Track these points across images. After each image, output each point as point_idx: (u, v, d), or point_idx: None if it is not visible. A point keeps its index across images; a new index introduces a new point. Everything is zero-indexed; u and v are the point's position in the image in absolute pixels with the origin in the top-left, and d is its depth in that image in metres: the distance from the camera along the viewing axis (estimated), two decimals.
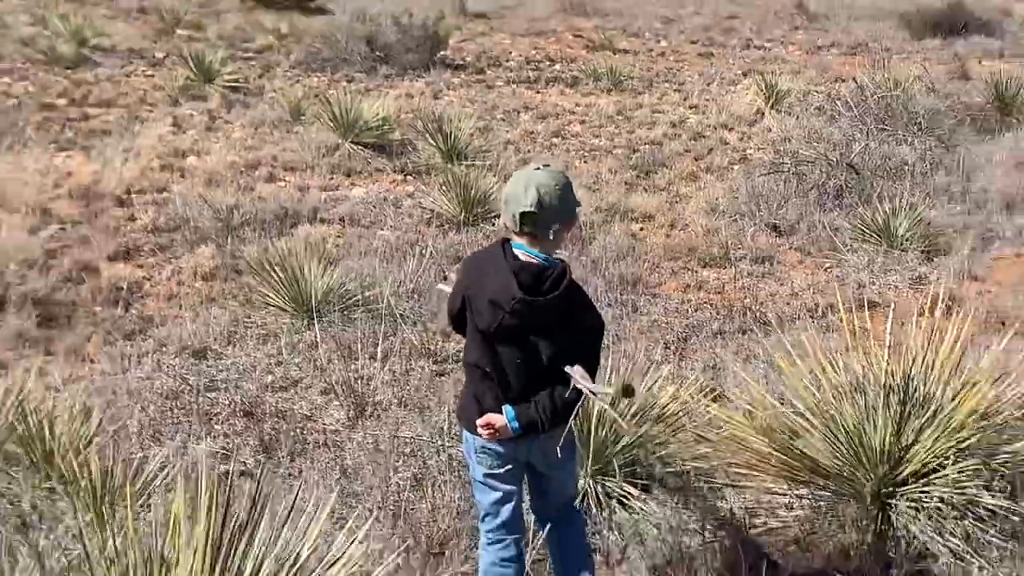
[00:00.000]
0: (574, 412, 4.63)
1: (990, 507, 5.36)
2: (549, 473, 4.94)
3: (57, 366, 9.38)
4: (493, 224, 12.55)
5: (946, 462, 5.40)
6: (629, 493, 6.07)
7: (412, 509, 5.96)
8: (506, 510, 4.86)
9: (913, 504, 5.41)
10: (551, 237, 4.59)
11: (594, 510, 6.04)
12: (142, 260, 11.84)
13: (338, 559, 4.27)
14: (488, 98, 20.59)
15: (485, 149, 16.07)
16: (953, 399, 5.54)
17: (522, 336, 4.59)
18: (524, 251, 4.58)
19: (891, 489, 5.50)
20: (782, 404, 5.96)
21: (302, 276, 10.05)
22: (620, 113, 19.71)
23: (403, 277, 10.53)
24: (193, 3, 28.82)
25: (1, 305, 10.34)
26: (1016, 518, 5.35)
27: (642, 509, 5.91)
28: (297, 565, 4.17)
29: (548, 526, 5.00)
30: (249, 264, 11.09)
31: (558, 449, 4.66)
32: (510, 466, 4.82)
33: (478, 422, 4.68)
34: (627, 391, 4.77)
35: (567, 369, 4.53)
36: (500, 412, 4.65)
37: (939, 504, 5.36)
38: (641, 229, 12.98)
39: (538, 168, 4.61)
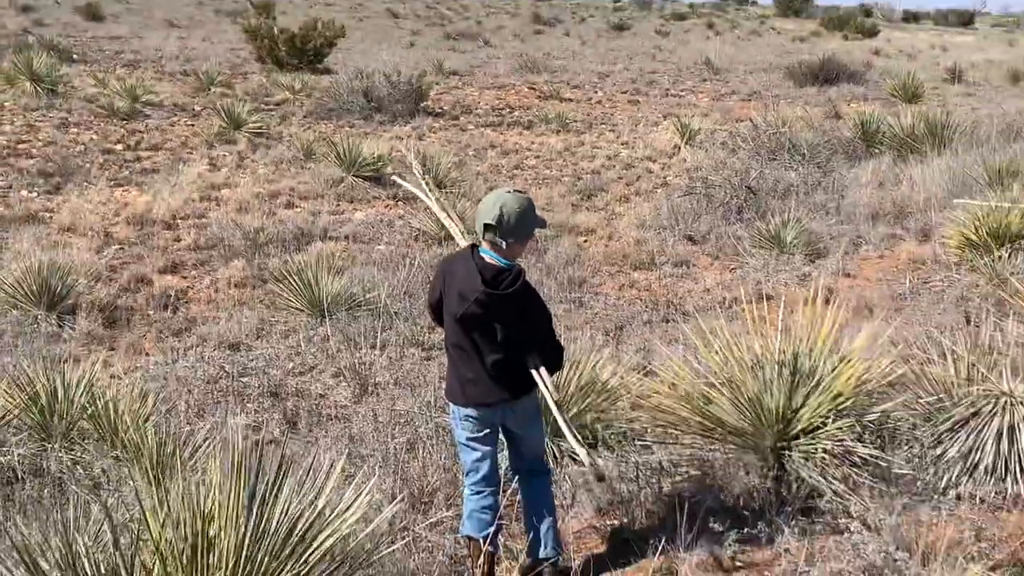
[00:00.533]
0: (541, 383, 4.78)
1: (863, 455, 5.38)
2: (523, 433, 4.99)
3: (119, 359, 9.37)
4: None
5: (827, 421, 5.42)
6: (578, 451, 6.07)
7: (407, 467, 5.94)
8: (485, 466, 4.89)
9: (803, 454, 5.42)
10: (504, 247, 4.62)
11: (551, 465, 6.04)
12: (186, 273, 11.83)
13: (349, 507, 4.25)
14: (462, 139, 20.60)
15: (461, 179, 16.08)
16: (832, 371, 5.56)
17: (486, 323, 4.68)
18: (488, 255, 4.67)
19: (785, 443, 5.52)
20: (698, 377, 5.96)
21: (315, 283, 10.07)
22: (567, 149, 19.77)
23: (396, 282, 10.59)
24: (224, 67, 28.76)
25: (73, 311, 10.31)
26: (884, 464, 5.38)
27: (589, 463, 5.91)
28: (315, 512, 4.15)
29: (518, 477, 5.03)
30: (273, 274, 11.11)
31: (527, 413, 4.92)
32: (488, 430, 4.87)
33: None
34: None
35: (533, 371, 4.77)
36: (480, 383, 4.75)
37: (823, 454, 5.38)
38: (585, 241, 13.02)
39: (508, 191, 4.69)
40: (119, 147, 17.89)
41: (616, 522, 5.45)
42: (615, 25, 65.72)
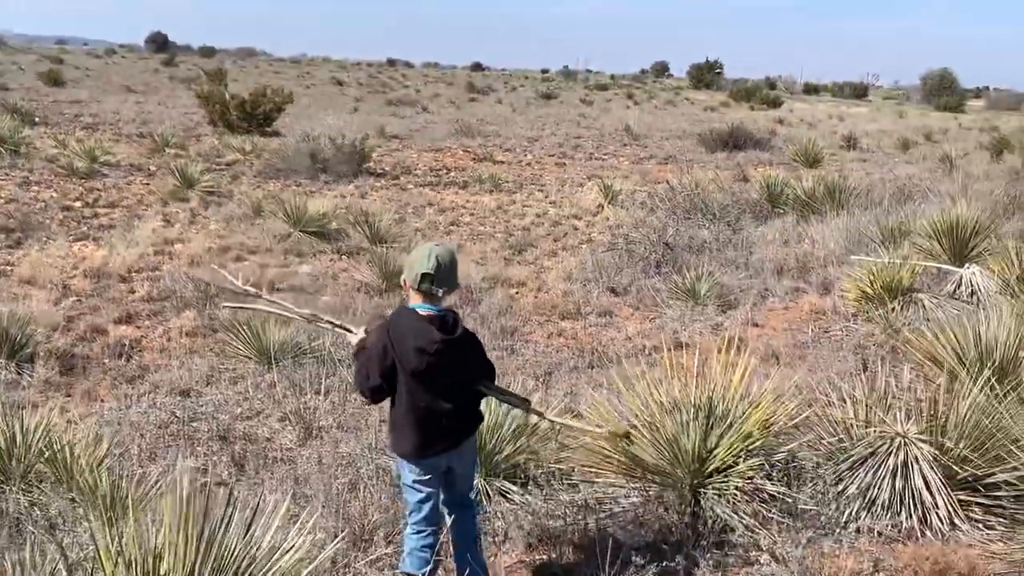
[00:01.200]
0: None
1: (771, 492, 5.43)
2: (463, 472, 4.91)
3: (75, 405, 9.16)
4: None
5: (739, 460, 5.46)
6: (511, 489, 6.04)
7: (348, 507, 5.86)
8: (427, 507, 4.79)
9: (716, 491, 5.45)
10: (439, 295, 4.53)
11: (484, 503, 6.00)
12: (140, 323, 11.62)
13: (293, 546, 4.18)
14: (402, 197, 20.60)
15: (400, 235, 16.06)
16: (743, 414, 5.61)
17: (442, 370, 4.55)
18: (423, 308, 4.54)
19: (700, 481, 5.54)
20: (621, 419, 5.97)
21: (263, 332, 9.94)
22: (499, 208, 19.84)
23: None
24: (178, 129, 28.55)
25: (32, 359, 10.08)
26: (790, 500, 5.42)
27: (520, 501, 5.88)
28: (261, 551, 4.07)
29: (448, 511, 4.93)
30: (223, 324, 10.95)
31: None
32: (431, 475, 4.77)
33: None
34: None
35: (482, 388, 4.85)
36: (433, 435, 4.64)
37: (735, 491, 5.41)
38: (516, 293, 13.02)
39: (437, 244, 4.63)
40: (78, 204, 17.62)
41: (544, 557, 5.41)
42: (543, 94, 66.45)
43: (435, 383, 4.58)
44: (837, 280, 12.12)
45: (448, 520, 4.94)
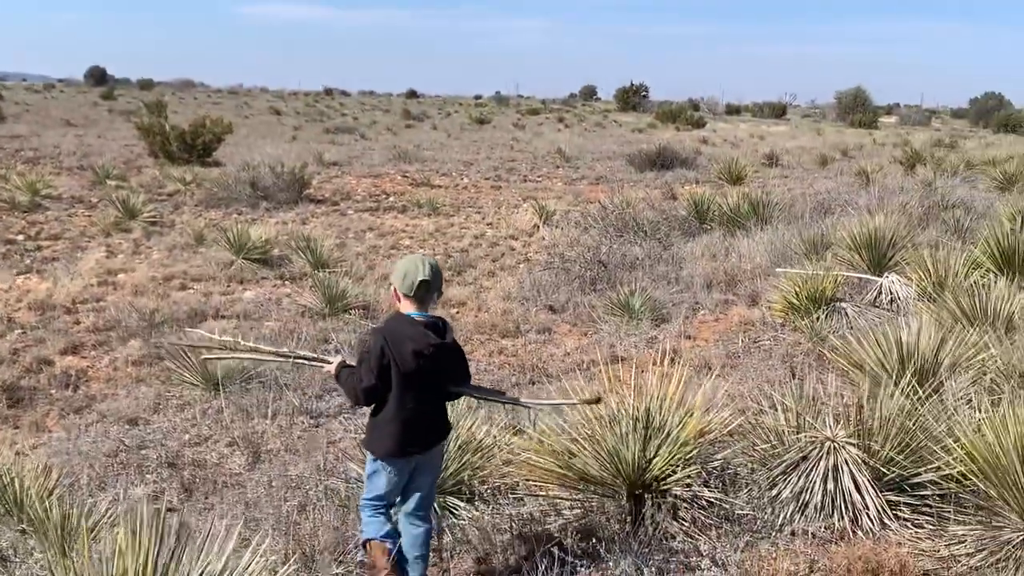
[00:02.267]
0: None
1: (709, 499, 5.47)
2: (424, 480, 4.99)
3: (23, 436, 8.98)
4: (350, 314, 12.43)
5: (677, 469, 5.49)
6: (457, 505, 6.02)
7: (299, 528, 5.79)
8: (391, 496, 4.91)
9: (656, 500, 5.47)
10: (435, 300, 4.79)
11: (435, 523, 5.97)
12: (86, 353, 11.39)
13: (247, 569, 4.12)
14: (342, 223, 20.47)
15: (342, 260, 15.96)
16: (679, 424, 5.65)
17: (434, 373, 4.73)
18: (417, 315, 4.70)
19: (640, 490, 5.56)
20: (562, 433, 5.98)
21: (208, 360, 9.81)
22: (438, 230, 19.80)
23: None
24: (119, 161, 28.15)
25: None
26: (727, 506, 5.47)
27: (467, 516, 5.86)
28: None
29: (403, 521, 5.00)
30: (168, 352, 10.80)
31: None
32: (399, 478, 4.86)
33: None
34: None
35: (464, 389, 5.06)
36: (416, 433, 4.78)
37: (673, 499, 5.44)
38: (457, 312, 12.99)
39: (424, 254, 4.92)
40: (20, 237, 17.26)
41: (492, 570, 5.39)
42: (477, 119, 66.55)
43: (425, 386, 4.74)
44: (764, 292, 12.28)
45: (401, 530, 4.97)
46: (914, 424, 5.49)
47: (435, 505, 5.96)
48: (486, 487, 6.13)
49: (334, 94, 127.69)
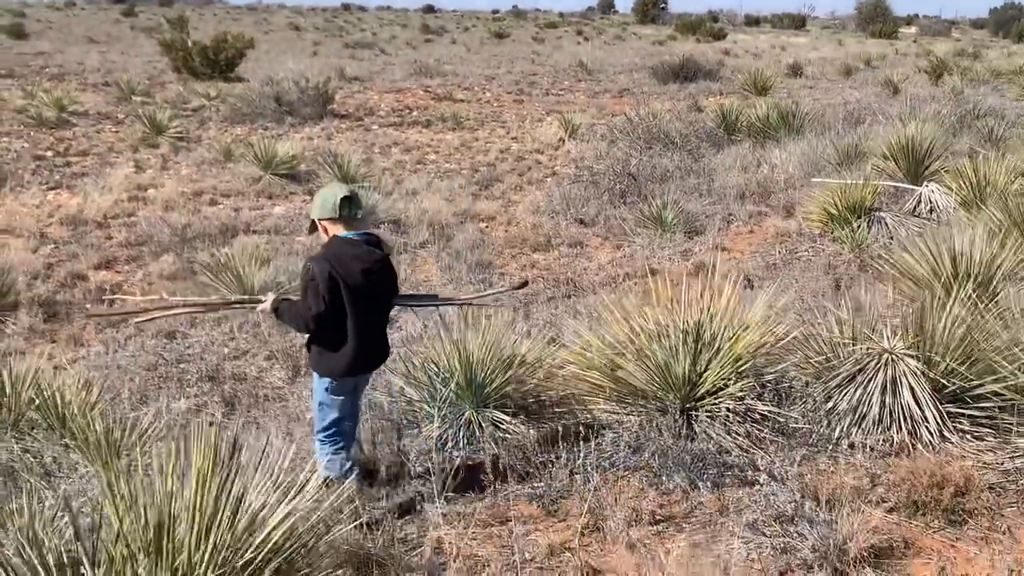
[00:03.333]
0: None
1: (762, 412, 5.27)
2: (359, 402, 5.17)
3: (61, 351, 8.88)
4: (380, 228, 12.21)
5: (729, 383, 5.30)
6: (502, 419, 5.84)
7: None
8: (345, 424, 4.98)
9: (708, 414, 5.29)
10: (358, 216, 4.79)
11: (477, 433, 5.80)
12: (119, 268, 11.29)
13: (303, 487, 3.96)
14: (367, 138, 20.14)
15: (369, 175, 15.70)
16: (732, 337, 5.43)
17: (380, 286, 4.84)
18: (353, 236, 4.77)
19: (692, 404, 5.37)
20: (607, 347, 5.78)
21: (244, 273, 9.63)
22: (463, 145, 19.45)
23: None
24: (143, 78, 27.74)
25: (15, 307, 9.78)
26: (782, 419, 5.27)
27: (514, 430, 5.69)
28: (272, 497, 3.85)
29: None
30: (202, 267, 10.64)
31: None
32: (350, 393, 4.95)
33: None
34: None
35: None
36: (368, 352, 4.87)
37: (727, 413, 5.25)
38: (487, 227, 12.75)
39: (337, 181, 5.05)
40: (49, 153, 17.04)
41: (543, 485, 5.22)
42: (496, 33, 65.40)
43: (374, 302, 4.83)
44: (798, 203, 11.97)
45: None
46: (977, 335, 5.24)
47: (479, 419, 5.81)
48: (532, 401, 5.94)
49: (352, 9, 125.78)
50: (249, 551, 3.65)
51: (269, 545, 3.68)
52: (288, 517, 3.70)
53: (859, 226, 9.77)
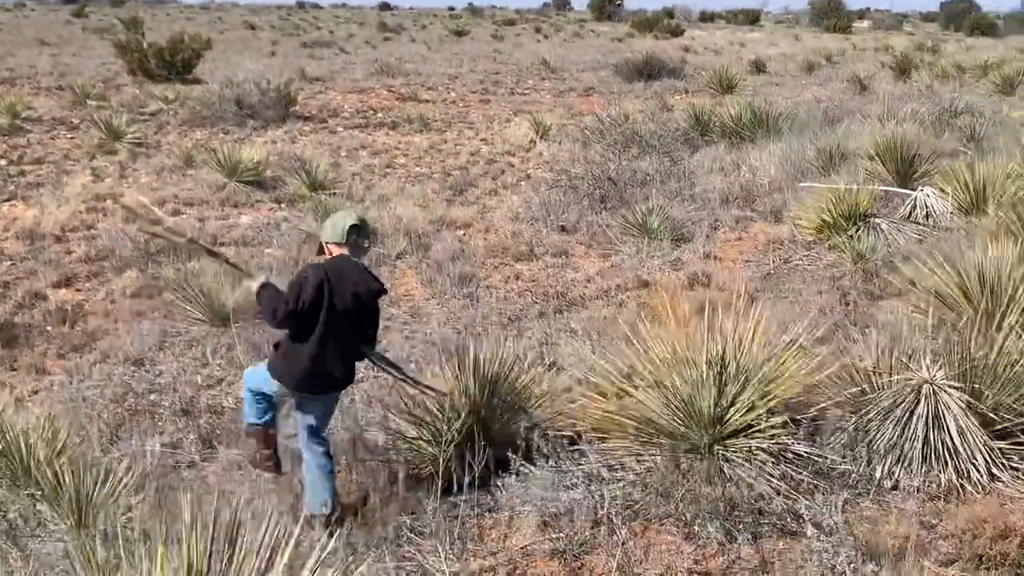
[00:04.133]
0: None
1: (797, 452, 4.84)
2: (317, 410, 5.03)
3: (21, 380, 8.28)
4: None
5: (761, 419, 4.85)
6: (512, 459, 5.37)
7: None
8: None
9: (739, 454, 4.84)
10: (365, 247, 4.92)
11: (489, 477, 5.32)
12: (80, 285, 10.63)
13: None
14: (333, 140, 19.49)
15: (338, 180, 15.10)
16: (760, 369, 4.99)
17: (364, 316, 4.88)
18: (354, 260, 4.86)
19: (721, 444, 4.92)
20: (623, 379, 5.32)
21: (214, 291, 9.06)
22: (432, 147, 18.87)
23: None
24: (97, 80, 26.87)
25: None
26: (819, 460, 4.83)
27: (525, 472, 5.21)
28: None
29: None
30: (169, 283, 10.07)
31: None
32: (280, 402, 5.16)
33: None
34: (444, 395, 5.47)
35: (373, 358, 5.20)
36: (329, 379, 4.87)
37: (759, 452, 4.80)
38: (464, 234, 12.21)
39: (350, 209, 5.50)
40: (3, 162, 16.24)
41: (561, 535, 4.74)
42: (455, 31, 64.74)
43: (349, 328, 4.79)
44: (785, 208, 11.58)
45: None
46: None
47: (487, 461, 5.34)
48: (544, 439, 5.45)
49: (306, 7, 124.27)
50: None
51: None
52: None
53: (855, 233, 9.37)
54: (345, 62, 37.05)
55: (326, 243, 4.89)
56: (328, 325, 4.67)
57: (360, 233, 4.83)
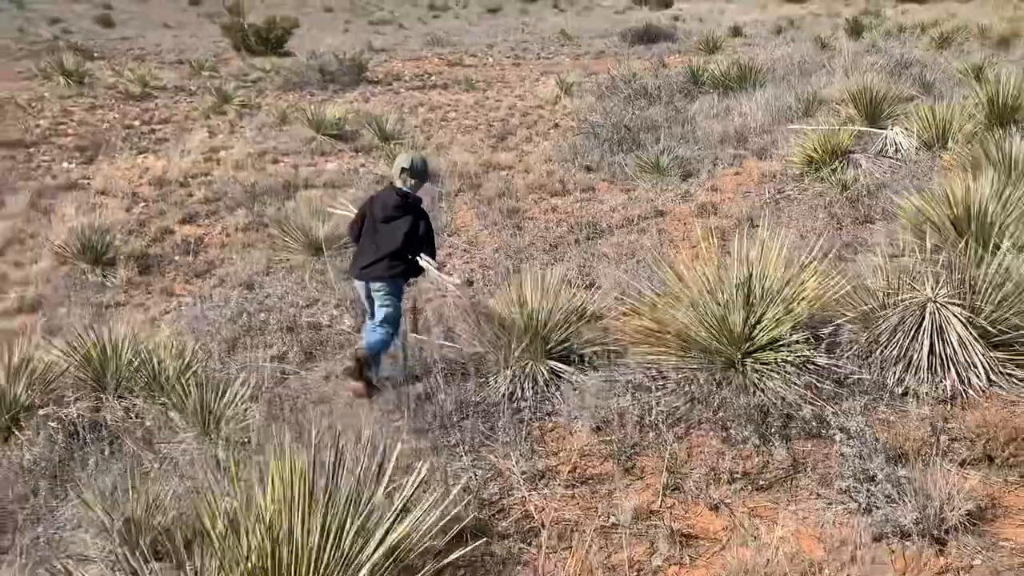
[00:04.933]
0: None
1: (818, 364, 4.29)
2: (378, 303, 5.23)
3: (154, 301, 7.91)
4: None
5: (785, 334, 4.30)
6: (564, 370, 4.87)
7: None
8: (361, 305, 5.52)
9: (767, 366, 4.30)
10: (410, 184, 5.14)
11: (541, 384, 4.83)
12: (201, 222, 10.25)
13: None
14: (397, 100, 18.66)
15: (404, 132, 14.43)
16: (780, 291, 4.42)
17: (387, 223, 5.10)
18: (400, 189, 5.15)
19: (751, 357, 4.38)
20: (663, 299, 4.77)
21: (308, 227, 8.58)
22: (477, 103, 18.00)
23: None
24: (209, 55, 26.02)
25: (113, 262, 8.76)
26: (838, 370, 4.29)
27: (578, 380, 4.71)
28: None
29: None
30: (271, 219, 9.61)
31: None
32: (359, 293, 5.40)
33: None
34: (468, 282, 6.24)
35: (420, 259, 5.11)
36: (366, 267, 5.13)
37: (784, 364, 4.26)
38: (507, 174, 11.55)
39: (418, 153, 5.88)
40: (137, 123, 15.67)
41: (612, 438, 4.25)
42: (489, 8, 62.55)
43: (382, 232, 5.09)
44: (771, 146, 10.81)
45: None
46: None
47: (542, 370, 4.83)
48: (595, 353, 4.94)
49: None
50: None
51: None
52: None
53: (838, 166, 8.65)
54: (404, 36, 35.77)
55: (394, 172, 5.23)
56: (368, 229, 5.16)
57: (404, 172, 5.12)
